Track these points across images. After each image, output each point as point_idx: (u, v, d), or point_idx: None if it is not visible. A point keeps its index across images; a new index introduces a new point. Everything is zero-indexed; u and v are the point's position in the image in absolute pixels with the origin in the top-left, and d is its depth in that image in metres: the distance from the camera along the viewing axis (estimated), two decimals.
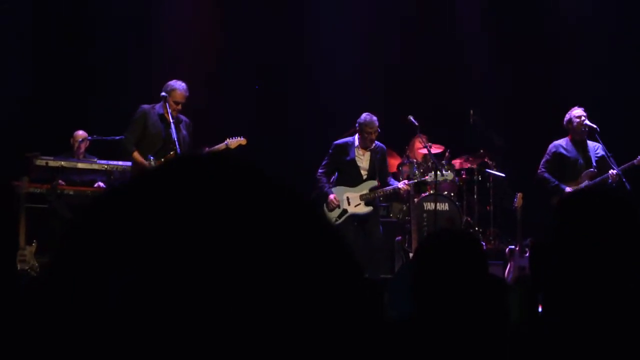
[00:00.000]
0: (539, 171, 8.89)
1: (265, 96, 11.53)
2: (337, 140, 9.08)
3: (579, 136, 8.77)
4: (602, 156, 8.72)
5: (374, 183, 8.85)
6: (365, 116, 8.74)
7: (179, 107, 8.14)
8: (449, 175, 9.14)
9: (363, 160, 8.87)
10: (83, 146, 9.72)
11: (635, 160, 8.59)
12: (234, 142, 8.50)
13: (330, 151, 8.91)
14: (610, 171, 8.51)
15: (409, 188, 8.83)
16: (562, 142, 8.88)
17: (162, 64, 10.50)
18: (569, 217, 1.68)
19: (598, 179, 8.58)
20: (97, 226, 0.74)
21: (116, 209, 0.74)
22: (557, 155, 8.84)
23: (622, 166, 8.57)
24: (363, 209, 8.78)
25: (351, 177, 8.83)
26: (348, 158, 8.82)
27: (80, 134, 9.80)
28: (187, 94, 8.17)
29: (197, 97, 8.85)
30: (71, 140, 9.80)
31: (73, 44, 10.93)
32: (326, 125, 10.54)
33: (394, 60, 11.61)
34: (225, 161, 0.78)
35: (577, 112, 8.78)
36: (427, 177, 9.11)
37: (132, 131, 8.15)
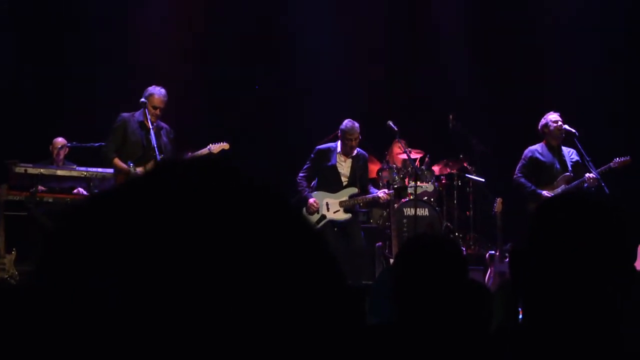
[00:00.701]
0: (515, 176, 8.91)
1: (253, 99, 11.55)
2: (319, 144, 9.09)
3: (556, 141, 8.81)
4: (577, 161, 8.78)
5: (354, 190, 8.86)
6: (346, 123, 8.75)
7: (158, 112, 8.12)
8: (429, 187, 9.17)
9: (344, 166, 8.88)
10: (62, 153, 9.69)
11: (612, 163, 8.65)
12: (216, 147, 8.50)
13: (312, 155, 8.92)
14: (587, 175, 8.56)
15: (389, 197, 8.84)
16: (537, 147, 8.92)
17: (144, 70, 10.47)
18: (547, 222, 1.69)
19: (575, 182, 8.64)
20: (78, 230, 0.73)
21: (98, 213, 0.74)
22: (532, 160, 8.88)
23: (600, 169, 8.63)
24: (342, 215, 8.80)
25: (331, 183, 8.84)
26: (329, 164, 8.83)
27: (60, 140, 9.76)
28: (166, 99, 8.16)
29: (186, 103, 8.86)
30: (50, 147, 9.76)
31: (51, 48, 10.87)
32: (307, 128, 10.52)
33: (374, 64, 11.63)
34: (207, 165, 0.77)
35: (553, 116, 8.82)
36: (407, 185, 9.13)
37: (112, 139, 8.15)
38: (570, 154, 8.84)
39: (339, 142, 8.87)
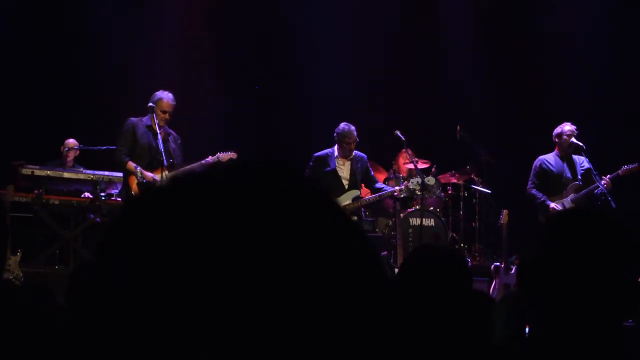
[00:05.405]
0: (527, 187, 8.89)
1: (258, 103, 11.59)
2: (317, 152, 9.11)
3: (564, 152, 8.80)
4: (588, 169, 8.72)
5: (357, 192, 8.91)
6: (343, 126, 8.83)
7: (167, 116, 8.16)
8: (430, 179, 9.13)
9: (344, 170, 8.95)
10: (72, 155, 9.71)
11: (619, 171, 8.62)
12: (225, 156, 8.52)
13: (310, 164, 8.99)
14: (597, 182, 8.52)
15: (397, 192, 8.84)
16: (548, 157, 8.88)
17: (152, 73, 10.50)
18: (556, 235, 1.69)
19: (584, 191, 8.61)
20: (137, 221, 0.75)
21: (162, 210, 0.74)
22: (542, 169, 8.85)
23: (608, 176, 8.59)
24: None
25: (333, 188, 8.85)
26: (329, 169, 8.89)
27: (71, 142, 9.79)
28: (174, 103, 8.22)
29: (193, 102, 8.90)
30: (61, 147, 9.78)
31: (62, 52, 10.90)
32: (313, 142, 10.50)
33: (380, 74, 11.63)
34: (279, 169, 0.79)
35: (568, 127, 8.76)
36: (408, 183, 9.02)
37: (123, 143, 8.17)
38: (581, 162, 8.80)
39: (335, 147, 8.94)
